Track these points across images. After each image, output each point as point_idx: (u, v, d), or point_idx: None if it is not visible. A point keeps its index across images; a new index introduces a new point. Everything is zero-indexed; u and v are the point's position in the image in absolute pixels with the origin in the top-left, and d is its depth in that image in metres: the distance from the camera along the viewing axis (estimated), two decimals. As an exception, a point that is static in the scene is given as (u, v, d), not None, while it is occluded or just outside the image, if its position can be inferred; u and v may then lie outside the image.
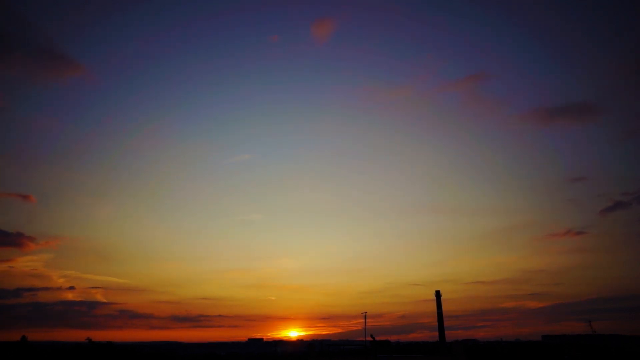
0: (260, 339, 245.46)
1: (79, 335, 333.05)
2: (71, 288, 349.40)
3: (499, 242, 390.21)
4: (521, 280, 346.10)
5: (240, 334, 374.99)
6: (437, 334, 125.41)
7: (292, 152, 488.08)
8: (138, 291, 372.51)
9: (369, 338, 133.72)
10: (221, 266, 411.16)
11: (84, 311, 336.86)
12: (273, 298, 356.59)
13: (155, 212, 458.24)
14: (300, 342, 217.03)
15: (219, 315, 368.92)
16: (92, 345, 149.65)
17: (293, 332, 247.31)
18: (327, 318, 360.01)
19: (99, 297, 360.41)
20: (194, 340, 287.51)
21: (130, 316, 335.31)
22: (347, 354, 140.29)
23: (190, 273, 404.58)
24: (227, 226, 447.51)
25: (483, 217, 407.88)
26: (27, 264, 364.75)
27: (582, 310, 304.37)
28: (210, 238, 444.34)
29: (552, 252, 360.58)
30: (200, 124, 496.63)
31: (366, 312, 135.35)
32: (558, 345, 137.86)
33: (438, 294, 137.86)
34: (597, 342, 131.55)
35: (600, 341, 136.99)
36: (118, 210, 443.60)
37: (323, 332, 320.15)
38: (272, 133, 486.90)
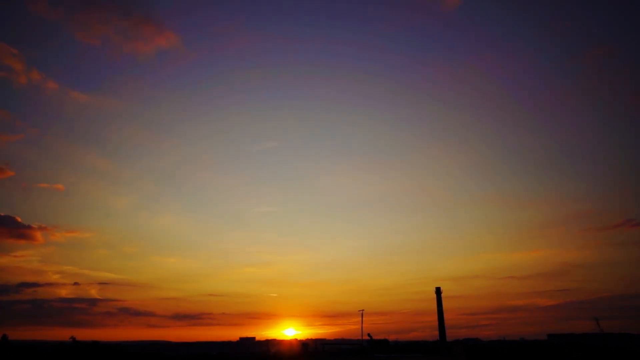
0: (252, 338, 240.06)
1: (74, 333, 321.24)
2: (76, 284, 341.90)
3: (546, 234, 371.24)
4: (557, 274, 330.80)
5: (241, 333, 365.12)
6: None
7: (325, 140, 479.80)
8: (142, 287, 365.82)
9: (366, 337, 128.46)
10: (236, 260, 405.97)
11: (84, 308, 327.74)
12: (274, 295, 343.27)
13: (175, 203, 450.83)
14: (295, 342, 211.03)
15: (222, 313, 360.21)
16: (76, 344, 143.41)
17: (295, 331, 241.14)
18: (334, 316, 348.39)
19: (101, 294, 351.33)
20: (190, 340, 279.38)
21: (130, 313, 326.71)
22: (343, 353, 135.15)
23: (203, 267, 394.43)
24: (246, 218, 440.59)
25: (535, 207, 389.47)
26: (33, 258, 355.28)
27: (601, 307, 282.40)
28: (227, 230, 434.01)
29: (602, 244, 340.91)
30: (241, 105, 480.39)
31: (363, 310, 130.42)
32: (558, 345, 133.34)
33: (438, 290, 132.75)
34: (605, 342, 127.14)
35: (609, 340, 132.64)
36: (136, 200, 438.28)
37: (330, 331, 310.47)
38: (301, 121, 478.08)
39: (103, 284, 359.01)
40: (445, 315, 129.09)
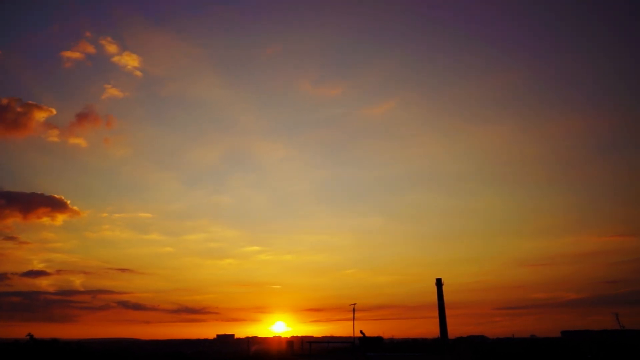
0: (231, 336, 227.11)
1: (57, 329, 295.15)
2: (84, 273, 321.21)
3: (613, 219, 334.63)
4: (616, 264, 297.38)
5: (241, 329, 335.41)
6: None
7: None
8: (160, 278, 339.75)
9: (360, 334, 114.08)
10: (280, 246, 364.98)
11: (74, 302, 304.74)
12: (278, 287, 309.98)
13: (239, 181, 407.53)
14: (279, 339, 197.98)
15: (228, 307, 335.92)
16: (33, 342, 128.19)
17: (287, 328, 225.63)
18: (349, 311, 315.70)
19: (107, 286, 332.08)
20: (165, 338, 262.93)
21: (127, 307, 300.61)
22: (331, 352, 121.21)
23: (241, 255, 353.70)
24: (299, 198, 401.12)
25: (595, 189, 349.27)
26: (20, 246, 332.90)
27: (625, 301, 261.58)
28: (278, 213, 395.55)
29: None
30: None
31: (355, 304, 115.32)
32: (555, 342, 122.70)
33: (439, 282, 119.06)
34: (625, 339, 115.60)
35: (630, 337, 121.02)
36: (186, 179, 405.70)
37: (337, 327, 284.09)
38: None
39: (122, 270, 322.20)
40: (479, 310, 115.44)
